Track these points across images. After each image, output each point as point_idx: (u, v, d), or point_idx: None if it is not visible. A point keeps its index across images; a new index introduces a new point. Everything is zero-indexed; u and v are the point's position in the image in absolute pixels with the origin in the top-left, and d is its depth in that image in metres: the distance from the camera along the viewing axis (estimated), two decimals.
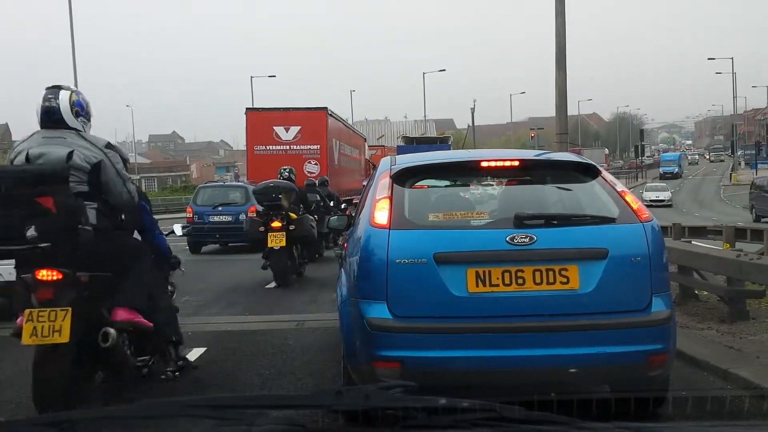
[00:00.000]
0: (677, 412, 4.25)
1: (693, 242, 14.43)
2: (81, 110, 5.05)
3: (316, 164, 23.29)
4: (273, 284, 12.41)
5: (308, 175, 20.94)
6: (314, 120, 24.12)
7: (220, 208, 18.96)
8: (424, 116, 66.50)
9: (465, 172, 5.26)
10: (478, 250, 4.44)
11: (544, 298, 4.38)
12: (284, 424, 1.77)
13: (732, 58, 67.09)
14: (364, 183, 13.42)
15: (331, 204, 17.37)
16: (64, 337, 4.46)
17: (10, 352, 7.54)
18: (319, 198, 16.10)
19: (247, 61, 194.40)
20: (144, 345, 5.26)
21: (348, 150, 29.10)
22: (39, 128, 4.99)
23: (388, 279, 4.41)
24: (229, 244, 19.32)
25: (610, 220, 4.62)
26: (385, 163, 5.34)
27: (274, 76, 59.63)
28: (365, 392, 1.84)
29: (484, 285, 4.37)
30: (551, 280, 4.39)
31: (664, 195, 50.92)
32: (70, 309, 4.50)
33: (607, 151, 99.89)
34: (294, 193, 12.46)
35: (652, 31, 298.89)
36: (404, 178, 4.87)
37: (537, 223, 4.50)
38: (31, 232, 4.37)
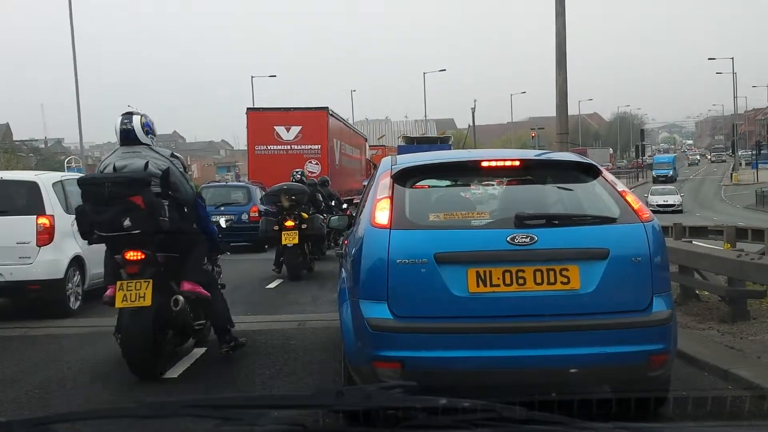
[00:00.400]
0: (678, 412, 4.25)
1: (694, 242, 14.43)
2: (149, 129, 6.45)
3: (317, 164, 23.31)
4: (274, 284, 12.51)
5: (309, 175, 20.95)
6: (315, 120, 24.15)
7: (222, 208, 18.96)
8: (425, 116, 66.52)
9: (466, 172, 5.26)
10: (478, 250, 4.44)
11: (545, 298, 4.38)
12: (285, 424, 1.77)
13: (732, 58, 66.91)
14: (364, 183, 13.54)
15: (332, 204, 17.44)
16: (147, 302, 5.90)
17: (11, 352, 7.56)
18: (321, 198, 16.24)
19: (248, 60, 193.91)
20: (199, 312, 6.78)
21: (349, 150, 29.12)
22: (119, 145, 6.45)
23: (388, 279, 4.41)
24: (231, 244, 19.30)
25: (610, 220, 4.62)
26: (385, 162, 5.34)
27: (275, 76, 59.67)
28: (366, 392, 1.85)
29: (485, 285, 4.37)
30: (552, 280, 4.39)
31: (674, 199, 45.29)
32: (151, 281, 5.95)
33: (611, 150, 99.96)
34: (306, 194, 13.40)
35: (653, 31, 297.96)
36: (405, 178, 4.87)
37: (538, 223, 4.50)
38: (127, 222, 5.86)
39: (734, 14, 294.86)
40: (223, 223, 7.79)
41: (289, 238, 12.73)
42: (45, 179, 9.78)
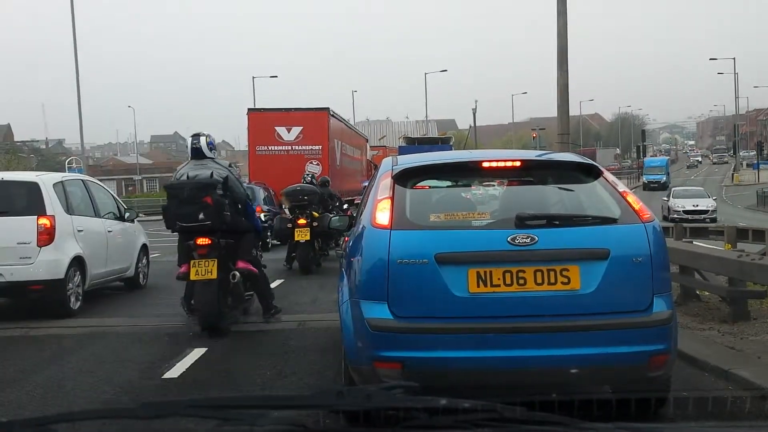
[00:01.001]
0: (678, 412, 4.25)
1: (694, 242, 14.43)
2: (212, 146, 8.56)
3: (317, 165, 23.22)
4: (275, 284, 12.49)
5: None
6: (316, 120, 24.09)
7: None
8: (426, 117, 66.52)
9: (466, 173, 5.26)
10: (479, 250, 4.44)
11: (546, 299, 4.38)
12: (286, 425, 1.77)
13: (734, 59, 66.55)
14: (364, 184, 13.67)
15: (337, 204, 17.56)
16: (213, 276, 7.84)
17: (11, 352, 7.56)
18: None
19: (248, 61, 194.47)
20: (248, 286, 8.75)
21: (350, 150, 29.07)
22: (189, 159, 8.55)
23: (389, 279, 4.41)
24: None
25: (611, 221, 4.62)
26: (386, 163, 5.34)
27: (276, 77, 59.01)
28: (367, 393, 1.85)
29: (486, 285, 4.37)
30: (552, 280, 4.38)
31: (706, 203, 34.85)
32: (216, 260, 7.89)
33: (618, 150, 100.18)
34: (317, 195, 14.54)
35: (654, 31, 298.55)
36: (406, 178, 4.87)
37: (538, 224, 4.50)
38: (201, 216, 7.80)
39: (735, 14, 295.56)
40: (262, 216, 10.38)
41: (302, 235, 13.79)
42: (46, 180, 9.78)
